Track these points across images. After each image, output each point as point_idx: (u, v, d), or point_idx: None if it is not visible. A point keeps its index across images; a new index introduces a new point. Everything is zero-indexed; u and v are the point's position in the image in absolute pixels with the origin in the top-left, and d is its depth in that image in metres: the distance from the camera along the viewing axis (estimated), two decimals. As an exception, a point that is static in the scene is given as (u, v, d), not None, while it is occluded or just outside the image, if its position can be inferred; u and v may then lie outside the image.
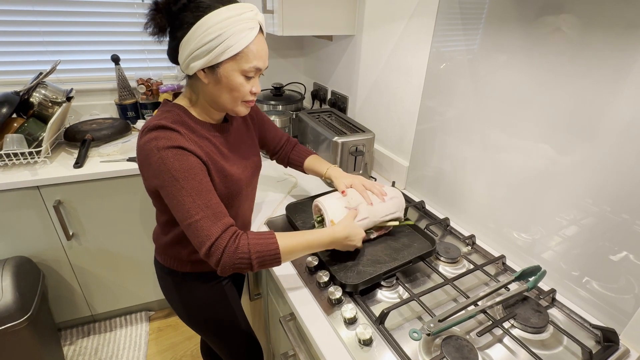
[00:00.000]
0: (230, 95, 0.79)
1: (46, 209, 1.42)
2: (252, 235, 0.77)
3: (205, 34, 0.70)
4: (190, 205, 0.72)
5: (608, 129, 0.75)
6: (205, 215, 0.73)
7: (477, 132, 1.04)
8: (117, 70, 1.71)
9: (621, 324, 0.80)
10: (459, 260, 1.01)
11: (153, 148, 0.72)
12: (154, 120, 0.76)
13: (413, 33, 1.19)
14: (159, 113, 0.80)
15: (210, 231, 0.72)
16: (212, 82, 0.77)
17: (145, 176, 0.78)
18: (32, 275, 1.45)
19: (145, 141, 0.74)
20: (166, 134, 0.73)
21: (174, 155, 0.72)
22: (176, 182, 0.72)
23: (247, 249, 0.74)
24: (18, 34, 1.61)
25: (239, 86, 0.77)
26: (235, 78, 0.76)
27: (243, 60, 0.75)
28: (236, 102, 0.81)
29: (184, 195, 0.72)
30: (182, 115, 0.80)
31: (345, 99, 1.65)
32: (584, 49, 0.76)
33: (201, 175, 0.75)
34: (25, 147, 1.38)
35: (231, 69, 0.75)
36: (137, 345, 1.75)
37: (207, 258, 0.74)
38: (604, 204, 0.79)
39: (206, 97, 0.81)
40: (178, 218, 0.75)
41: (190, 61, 0.74)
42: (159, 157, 0.72)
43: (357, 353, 0.73)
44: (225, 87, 0.77)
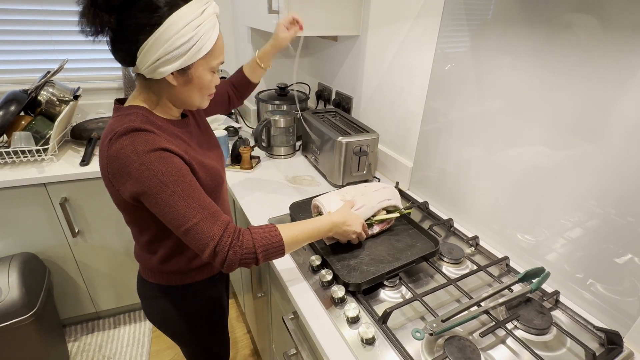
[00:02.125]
0: (200, 93, 0.77)
1: (52, 206, 1.44)
2: (255, 230, 0.76)
3: (176, 37, 0.65)
4: (185, 210, 0.69)
5: (613, 130, 0.75)
6: (203, 217, 0.70)
7: (481, 133, 1.04)
8: (124, 70, 1.73)
9: (625, 326, 0.80)
10: (463, 261, 1.00)
11: (130, 154, 0.66)
12: (118, 124, 0.69)
13: (418, 34, 1.19)
14: (118, 118, 0.72)
15: (212, 231, 0.70)
16: (181, 83, 0.73)
17: (121, 188, 0.70)
18: (38, 272, 1.47)
19: (118, 148, 0.67)
20: (142, 136, 0.68)
21: (158, 159, 0.67)
22: (165, 187, 0.67)
23: (252, 244, 0.73)
24: (26, 33, 1.63)
25: (209, 83, 0.76)
26: (205, 76, 0.75)
27: (212, 58, 0.73)
28: (204, 98, 0.79)
29: (177, 200, 0.68)
30: (147, 115, 0.74)
31: (350, 99, 1.65)
32: (590, 50, 0.76)
33: (189, 176, 0.71)
34: (32, 144, 1.40)
35: (202, 68, 0.73)
36: (140, 342, 1.76)
37: (212, 259, 0.71)
38: (609, 206, 0.79)
39: (171, 97, 0.77)
40: (173, 225, 0.70)
41: (159, 66, 0.68)
42: (140, 163, 0.66)
43: (360, 352, 0.73)
44: (196, 86, 0.75)
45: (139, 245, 0.89)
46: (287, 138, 1.60)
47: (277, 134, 1.58)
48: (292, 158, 1.62)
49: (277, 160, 1.58)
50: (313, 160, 1.52)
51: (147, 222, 0.78)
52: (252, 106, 1.96)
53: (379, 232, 1.04)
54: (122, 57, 0.71)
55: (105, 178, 0.73)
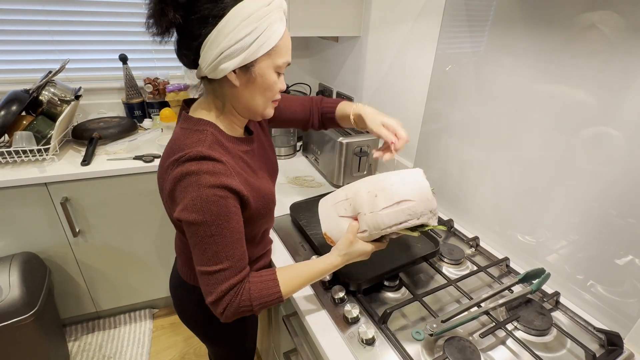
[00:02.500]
0: (263, 96, 0.71)
1: (53, 206, 1.44)
2: (254, 280, 0.73)
3: (239, 28, 0.61)
4: (211, 255, 0.67)
5: (614, 131, 0.75)
6: (223, 268, 0.68)
7: (482, 134, 1.04)
8: (125, 70, 1.73)
9: (625, 328, 0.79)
10: (463, 262, 1.01)
11: (193, 183, 0.65)
12: (189, 144, 0.67)
13: (419, 34, 1.19)
14: (187, 133, 0.70)
15: (221, 287, 0.69)
16: (244, 83, 0.69)
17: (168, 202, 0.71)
18: (39, 271, 1.47)
19: (184, 172, 0.65)
20: (210, 167, 0.65)
21: (215, 198, 0.65)
22: (207, 227, 0.66)
23: (248, 300, 0.71)
24: (28, 33, 1.63)
25: (273, 84, 0.71)
26: (270, 76, 0.69)
27: (277, 55, 0.68)
28: (268, 103, 0.74)
29: (210, 243, 0.67)
30: (216, 135, 0.71)
31: (351, 99, 1.65)
32: (591, 52, 0.76)
33: (234, 222, 0.69)
34: (33, 144, 1.40)
35: (266, 66, 0.68)
36: (140, 342, 1.76)
37: (210, 307, 0.71)
38: (610, 207, 0.79)
39: (235, 102, 0.72)
40: (195, 261, 0.70)
41: (221, 61, 0.64)
42: (197, 194, 0.64)
43: (360, 352, 0.73)
44: (260, 87, 0.70)
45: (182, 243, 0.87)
46: (287, 138, 1.60)
47: (278, 134, 1.58)
48: (292, 158, 1.62)
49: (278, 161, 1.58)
50: (314, 160, 1.52)
51: None
52: (253, 106, 1.96)
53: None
54: (187, 55, 0.68)
55: (162, 191, 0.73)
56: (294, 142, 1.63)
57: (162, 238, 1.70)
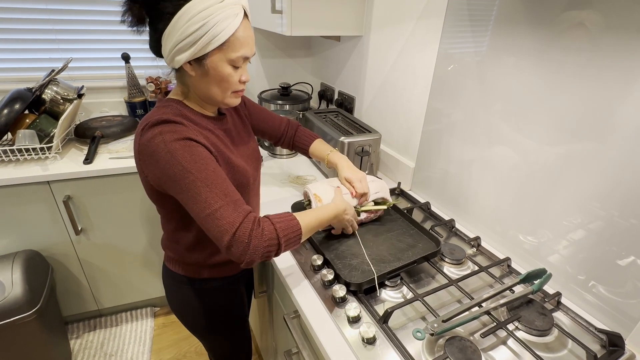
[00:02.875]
0: (219, 87, 0.76)
1: (56, 204, 1.45)
2: (274, 218, 0.75)
3: (188, 24, 0.67)
4: (206, 195, 0.69)
5: (617, 132, 0.75)
6: (225, 203, 0.69)
7: (484, 134, 1.04)
8: (127, 69, 1.73)
9: (627, 328, 0.79)
10: (464, 262, 1.00)
11: (159, 143, 0.69)
12: (153, 115, 0.73)
13: (421, 34, 1.19)
14: (155, 109, 0.77)
15: (232, 218, 0.69)
16: (199, 74, 0.74)
17: (150, 175, 0.74)
18: (41, 269, 1.48)
19: (149, 137, 0.70)
20: (171, 127, 0.70)
21: (183, 147, 0.69)
22: (189, 173, 0.68)
23: (274, 233, 0.72)
24: (31, 32, 1.64)
25: (228, 77, 0.74)
26: (223, 69, 0.73)
27: (230, 50, 0.71)
28: (226, 93, 0.78)
29: (199, 185, 0.69)
30: (180, 108, 0.77)
31: (352, 99, 1.65)
32: (594, 51, 0.75)
33: (213, 165, 0.72)
34: (36, 142, 1.40)
35: (218, 60, 0.72)
36: (142, 340, 1.77)
37: (229, 248, 0.68)
38: (612, 208, 0.79)
39: (195, 90, 0.78)
40: (194, 212, 0.70)
41: (175, 54, 0.71)
42: (166, 151, 0.68)
43: (361, 352, 0.73)
44: (214, 79, 0.74)
45: (165, 234, 0.92)
46: (289, 138, 1.60)
47: (280, 134, 1.58)
48: (294, 158, 1.62)
49: (280, 160, 1.59)
50: (315, 160, 1.52)
51: (172, 210, 0.81)
52: (254, 106, 1.96)
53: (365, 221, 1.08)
54: (152, 45, 0.75)
55: (137, 164, 0.76)
56: (295, 142, 1.63)
57: (163, 237, 1.70)
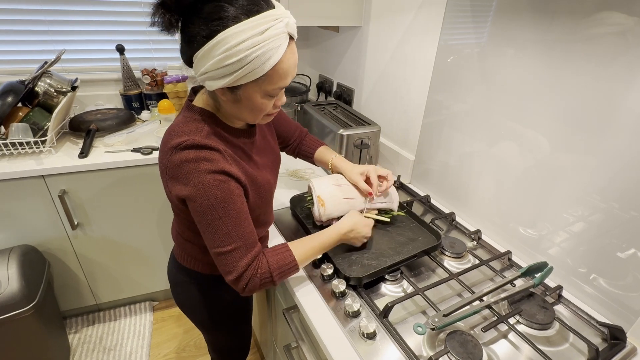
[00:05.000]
0: (251, 113, 0.72)
1: (51, 199, 1.43)
2: (269, 254, 0.78)
3: (224, 55, 0.60)
4: (223, 236, 0.71)
5: (617, 124, 0.74)
6: (237, 247, 0.72)
7: (484, 126, 1.03)
8: (122, 61, 1.70)
9: (628, 321, 0.79)
10: (464, 255, 1.00)
11: (193, 170, 0.67)
12: (185, 129, 0.70)
13: (421, 24, 1.17)
14: (187, 120, 0.73)
15: (240, 264, 0.72)
16: (230, 100, 0.70)
17: (174, 192, 0.72)
18: (38, 264, 1.46)
19: (182, 160, 0.68)
20: (207, 155, 0.68)
21: (216, 182, 0.68)
22: (214, 210, 0.69)
23: (268, 272, 0.76)
24: (23, 23, 1.60)
25: (261, 105, 0.70)
26: (257, 99, 0.69)
27: (267, 83, 0.66)
28: (257, 118, 0.75)
29: (220, 225, 0.70)
30: (213, 125, 0.73)
31: (351, 91, 1.63)
32: (595, 43, 0.74)
33: (239, 203, 0.72)
34: (30, 136, 1.38)
35: (252, 91, 0.67)
36: (141, 334, 1.76)
37: (231, 284, 0.74)
38: (612, 200, 0.78)
39: (226, 109, 0.74)
40: (208, 243, 0.73)
41: (206, 79, 0.65)
42: (199, 181, 0.67)
43: (361, 346, 0.73)
44: (246, 107, 0.70)
45: (180, 231, 0.89)
46: (287, 130, 1.58)
47: (278, 127, 1.56)
48: (292, 151, 1.60)
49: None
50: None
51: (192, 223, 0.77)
52: (252, 98, 1.94)
53: None
54: (183, 58, 0.68)
55: (163, 175, 0.74)
56: (293, 135, 1.62)
57: (161, 230, 1.69)
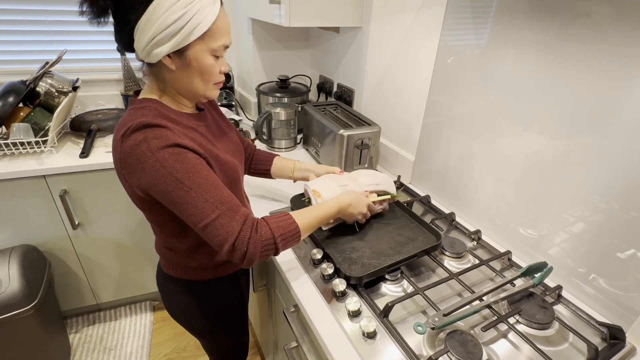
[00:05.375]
0: (201, 78, 0.73)
1: (52, 198, 1.43)
2: (271, 220, 0.74)
3: (167, 13, 0.62)
4: (202, 206, 0.67)
5: (618, 125, 0.74)
6: (222, 212, 0.68)
7: (484, 127, 1.03)
8: (123, 61, 1.71)
9: (628, 321, 0.79)
10: (464, 255, 1.00)
11: (145, 150, 0.65)
12: (131, 119, 0.68)
13: (421, 25, 1.17)
14: (131, 112, 0.71)
15: (231, 227, 0.68)
16: (179, 67, 0.70)
17: (135, 184, 0.69)
18: (39, 264, 1.47)
19: (132, 144, 0.65)
20: (155, 132, 0.66)
21: (172, 156, 0.65)
22: (181, 184, 0.66)
23: (270, 235, 0.72)
24: (25, 23, 1.61)
25: (210, 67, 0.72)
26: (205, 59, 0.70)
27: (212, 39, 0.69)
28: (208, 85, 0.75)
29: (193, 196, 0.66)
30: (158, 108, 0.72)
31: (352, 91, 1.64)
32: (597, 43, 0.74)
33: (205, 171, 0.69)
34: (31, 136, 1.38)
35: (200, 50, 0.69)
36: (141, 334, 1.77)
37: (230, 255, 0.70)
38: (613, 201, 0.78)
39: (175, 84, 0.74)
40: (191, 222, 0.69)
41: (153, 47, 0.65)
42: (154, 160, 0.65)
43: (361, 346, 0.73)
44: (196, 70, 0.71)
45: (160, 240, 0.88)
46: (288, 131, 1.59)
47: (278, 127, 1.57)
48: (293, 151, 1.61)
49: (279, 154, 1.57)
50: (314, 153, 1.51)
51: (165, 219, 0.76)
52: (252, 98, 1.94)
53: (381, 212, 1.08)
54: (123, 41, 0.68)
55: (119, 172, 0.72)
56: (294, 135, 1.62)
57: (162, 231, 1.69)
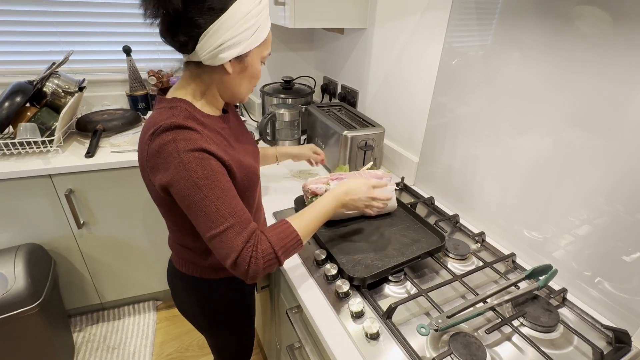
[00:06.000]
0: (250, 82, 0.79)
1: (58, 198, 1.44)
2: (269, 231, 0.74)
3: (242, 21, 0.68)
4: (214, 216, 0.68)
5: (623, 127, 0.73)
6: (230, 225, 0.69)
7: (488, 128, 1.03)
8: (129, 62, 1.72)
9: (634, 325, 0.79)
10: (468, 257, 1.00)
11: (172, 151, 0.66)
12: (162, 118, 0.69)
13: (426, 27, 1.17)
14: (162, 110, 0.72)
15: (235, 242, 0.69)
16: (237, 71, 0.75)
17: (157, 181, 0.70)
18: (44, 262, 1.48)
19: (160, 143, 0.67)
20: (184, 135, 0.67)
21: (196, 160, 0.67)
22: (199, 190, 0.67)
23: (270, 249, 0.72)
24: (32, 24, 1.62)
25: (259, 73, 0.79)
26: (257, 65, 0.78)
27: (264, 47, 0.77)
28: (251, 89, 0.81)
29: (208, 204, 0.67)
30: (189, 110, 0.73)
31: (356, 93, 1.64)
32: (601, 45, 0.74)
33: (224, 181, 0.70)
34: (38, 136, 1.40)
35: (256, 57, 0.76)
36: (144, 333, 1.77)
37: (233, 270, 0.70)
38: (618, 203, 0.78)
39: (221, 87, 0.77)
40: (200, 229, 0.70)
41: (221, 51, 0.68)
42: (179, 161, 0.66)
43: (364, 347, 0.73)
44: (249, 75, 0.77)
45: (174, 237, 0.90)
46: (292, 132, 1.59)
47: (282, 128, 1.57)
48: (297, 152, 1.61)
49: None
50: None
51: (185, 220, 0.76)
52: (257, 99, 1.95)
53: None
54: (184, 41, 0.69)
55: (143, 170, 0.73)
56: (298, 136, 1.62)
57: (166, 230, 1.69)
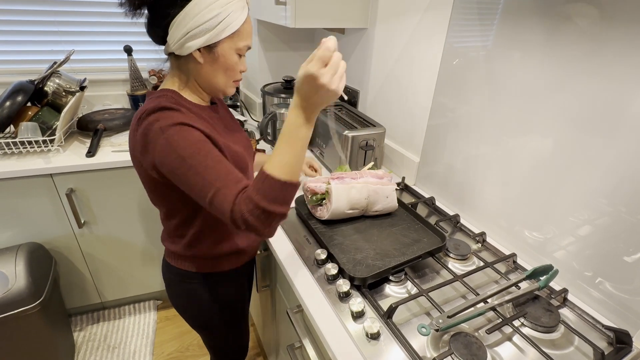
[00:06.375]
0: (225, 74, 0.79)
1: (59, 197, 1.44)
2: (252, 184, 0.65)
3: (205, 11, 0.69)
4: (202, 183, 0.66)
5: (625, 127, 0.73)
6: (217, 188, 0.65)
7: (489, 129, 1.03)
8: (130, 61, 1.72)
9: (635, 325, 0.78)
10: (469, 257, 1.00)
11: (156, 129, 0.68)
12: (149, 105, 0.72)
13: (427, 27, 1.17)
14: (149, 100, 0.75)
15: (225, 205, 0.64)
16: (208, 61, 0.76)
17: (148, 163, 0.72)
18: (45, 262, 1.48)
19: (146, 125, 0.69)
20: (167, 114, 0.70)
21: (178, 132, 0.67)
22: (184, 162, 0.66)
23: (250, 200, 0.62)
24: (33, 24, 1.63)
25: (234, 65, 0.78)
26: (231, 57, 0.76)
27: (238, 39, 0.76)
28: (229, 82, 0.81)
29: (194, 175, 0.66)
30: (176, 97, 0.77)
31: (356, 93, 1.64)
32: (603, 45, 0.74)
33: (207, 148, 0.68)
34: (39, 135, 1.40)
35: (228, 48, 0.75)
36: (145, 333, 1.78)
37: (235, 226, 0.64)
38: (619, 203, 0.77)
39: (199, 78, 0.79)
40: (198, 198, 0.68)
41: (187, 40, 0.71)
42: (164, 138, 0.67)
43: (364, 347, 0.73)
44: (222, 66, 0.77)
45: (166, 229, 0.91)
46: (292, 131, 1.59)
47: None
48: (297, 152, 1.61)
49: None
50: (319, 154, 1.51)
51: (176, 203, 0.78)
52: (257, 99, 1.95)
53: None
54: (156, 32, 0.74)
55: (134, 157, 0.76)
56: (299, 136, 1.62)
57: (166, 230, 1.70)
